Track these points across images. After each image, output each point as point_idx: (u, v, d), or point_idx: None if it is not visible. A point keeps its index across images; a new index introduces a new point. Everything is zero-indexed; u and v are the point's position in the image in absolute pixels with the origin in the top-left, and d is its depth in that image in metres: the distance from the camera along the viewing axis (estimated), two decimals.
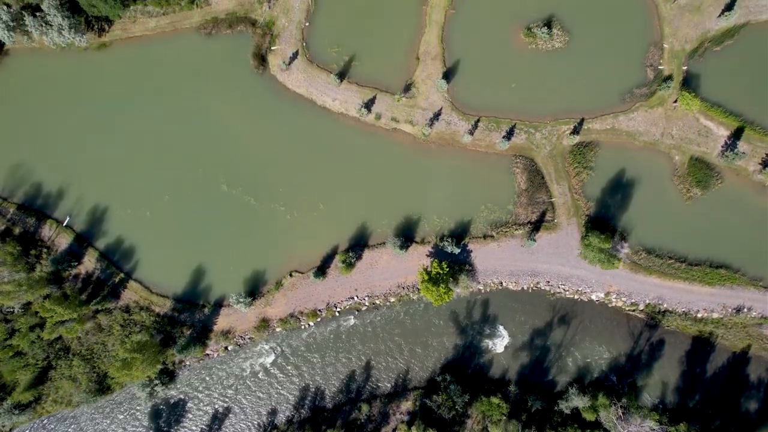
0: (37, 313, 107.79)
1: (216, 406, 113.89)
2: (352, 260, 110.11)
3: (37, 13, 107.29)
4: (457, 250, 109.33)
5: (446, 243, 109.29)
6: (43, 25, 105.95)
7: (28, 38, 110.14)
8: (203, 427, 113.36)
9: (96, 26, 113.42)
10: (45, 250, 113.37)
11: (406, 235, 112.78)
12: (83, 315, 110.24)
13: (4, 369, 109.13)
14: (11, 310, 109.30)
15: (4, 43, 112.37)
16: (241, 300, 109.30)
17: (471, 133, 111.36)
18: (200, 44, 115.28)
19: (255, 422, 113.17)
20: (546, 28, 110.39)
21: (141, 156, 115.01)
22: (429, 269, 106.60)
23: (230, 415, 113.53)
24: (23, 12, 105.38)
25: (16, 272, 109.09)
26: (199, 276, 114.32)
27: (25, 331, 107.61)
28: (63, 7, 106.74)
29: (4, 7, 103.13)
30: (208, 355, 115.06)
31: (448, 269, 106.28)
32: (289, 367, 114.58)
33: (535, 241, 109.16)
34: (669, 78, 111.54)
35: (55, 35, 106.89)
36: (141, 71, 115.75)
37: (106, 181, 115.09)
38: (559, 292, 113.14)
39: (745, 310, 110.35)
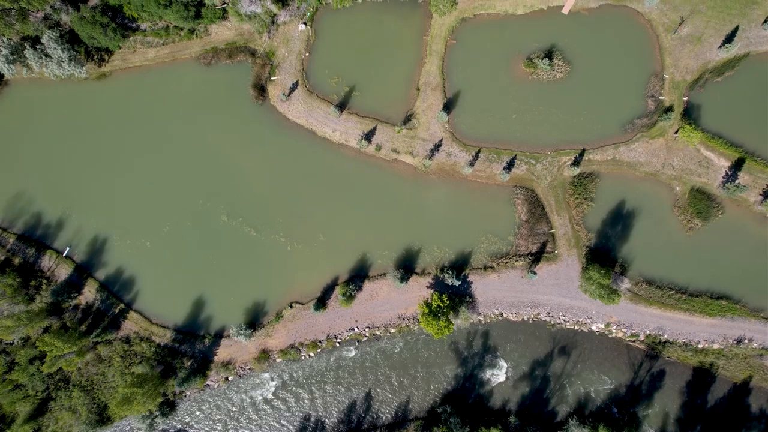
0: (36, 345, 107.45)
1: None
2: (353, 293, 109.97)
3: (37, 46, 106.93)
4: (457, 283, 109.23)
5: (447, 275, 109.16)
6: (43, 57, 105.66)
7: (27, 69, 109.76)
8: None
9: (96, 56, 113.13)
10: (45, 280, 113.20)
11: (407, 267, 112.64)
12: (83, 347, 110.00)
13: (3, 401, 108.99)
14: (11, 342, 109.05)
15: (3, 74, 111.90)
16: (242, 332, 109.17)
17: (472, 164, 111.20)
18: (200, 74, 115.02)
19: None
20: (547, 59, 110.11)
21: (141, 186, 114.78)
22: (429, 302, 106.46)
23: None
24: (23, 44, 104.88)
25: (15, 304, 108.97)
26: (199, 306, 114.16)
27: (24, 365, 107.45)
28: (63, 39, 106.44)
29: (4, 40, 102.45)
30: (208, 385, 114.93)
31: (448, 302, 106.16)
32: (289, 398, 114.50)
33: (535, 274, 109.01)
34: (670, 109, 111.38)
35: (55, 67, 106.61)
36: (141, 101, 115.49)
37: (106, 211, 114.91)
38: (559, 323, 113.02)
39: (746, 341, 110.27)
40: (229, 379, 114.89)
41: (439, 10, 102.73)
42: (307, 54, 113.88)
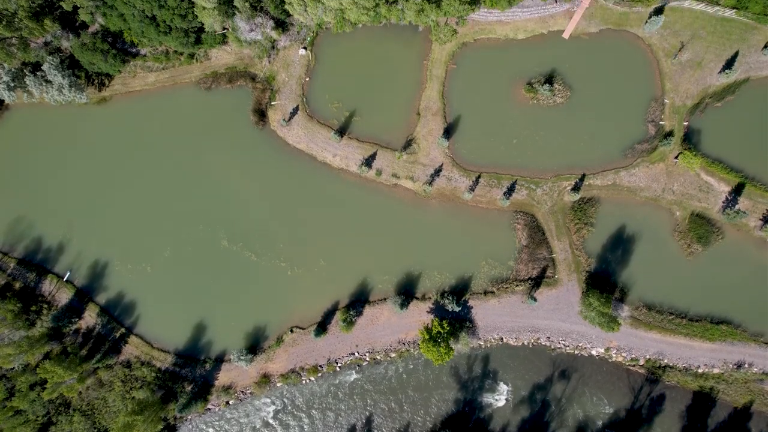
0: (36, 370, 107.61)
1: None
2: (353, 318, 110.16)
3: (38, 72, 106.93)
4: (457, 309, 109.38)
5: (447, 300, 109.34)
6: (44, 84, 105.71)
7: (28, 95, 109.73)
8: None
9: (96, 81, 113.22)
10: (45, 305, 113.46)
11: (407, 291, 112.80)
12: (84, 372, 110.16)
13: (4, 426, 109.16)
14: (11, 368, 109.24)
15: (3, 99, 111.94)
16: (242, 357, 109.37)
17: (472, 189, 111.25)
18: (200, 99, 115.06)
19: None
20: (547, 84, 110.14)
21: (141, 211, 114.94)
22: (430, 328, 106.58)
23: None
24: (23, 71, 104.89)
25: (16, 329, 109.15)
26: (200, 331, 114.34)
27: (25, 391, 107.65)
28: (63, 66, 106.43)
29: (5, 67, 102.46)
30: (209, 409, 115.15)
31: (448, 328, 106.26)
32: (290, 422, 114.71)
33: (535, 300, 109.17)
34: (670, 134, 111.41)
35: (55, 93, 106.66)
36: (141, 125, 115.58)
37: (107, 235, 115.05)
38: (559, 348, 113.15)
39: (746, 365, 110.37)
40: (230, 403, 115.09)
41: (440, 39, 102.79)
42: (307, 79, 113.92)
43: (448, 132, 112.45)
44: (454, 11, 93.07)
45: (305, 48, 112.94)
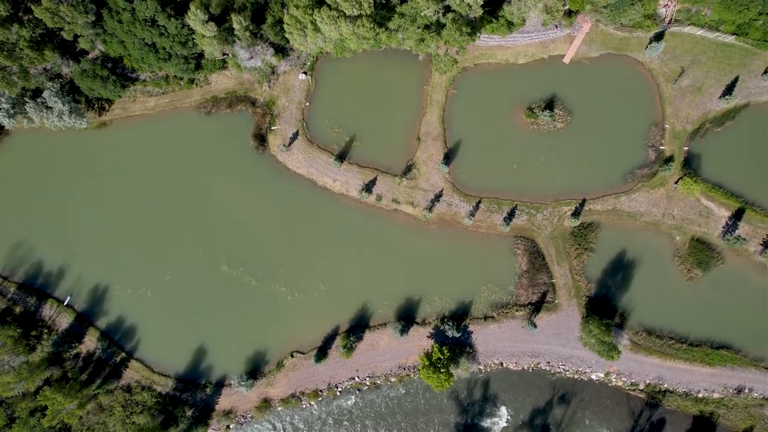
0: (36, 397, 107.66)
1: None
2: (353, 344, 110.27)
3: (38, 98, 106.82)
4: (457, 334, 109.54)
5: (447, 326, 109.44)
6: (44, 110, 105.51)
7: (28, 121, 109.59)
8: None
9: (96, 105, 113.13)
10: (45, 330, 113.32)
11: (407, 316, 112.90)
12: (84, 398, 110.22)
13: None
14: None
15: (3, 125, 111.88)
16: (243, 383, 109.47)
17: (472, 214, 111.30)
18: (200, 123, 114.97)
19: None
20: (548, 110, 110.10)
21: (141, 235, 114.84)
22: (430, 354, 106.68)
23: None
24: (23, 98, 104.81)
25: (16, 355, 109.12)
26: (200, 355, 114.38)
27: (25, 417, 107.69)
28: (63, 92, 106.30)
29: (5, 95, 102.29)
30: None
31: (448, 354, 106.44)
32: None
33: (535, 326, 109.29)
34: (670, 158, 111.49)
35: (55, 120, 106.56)
36: (141, 150, 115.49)
37: (107, 260, 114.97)
38: (559, 372, 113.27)
39: (747, 390, 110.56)
40: (231, 427, 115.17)
41: (440, 69, 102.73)
42: (307, 103, 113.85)
43: (449, 157, 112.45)
44: (455, 42, 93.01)
45: (305, 73, 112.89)
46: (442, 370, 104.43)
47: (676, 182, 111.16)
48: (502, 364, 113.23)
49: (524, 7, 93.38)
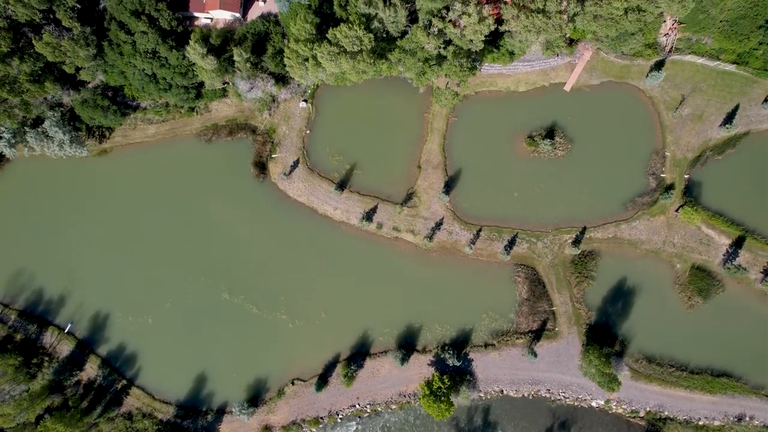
0: (37, 428, 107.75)
1: None
2: (354, 373, 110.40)
3: (38, 126, 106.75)
4: (458, 363, 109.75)
5: (448, 355, 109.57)
6: (45, 139, 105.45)
7: (29, 149, 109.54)
8: None
9: (97, 133, 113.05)
10: (46, 358, 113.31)
11: (408, 344, 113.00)
12: (85, 426, 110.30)
13: None
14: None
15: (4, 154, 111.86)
16: (244, 411, 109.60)
17: (473, 242, 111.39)
18: (201, 151, 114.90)
19: None
20: (548, 138, 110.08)
21: (142, 263, 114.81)
22: (431, 382, 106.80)
23: None
24: (24, 128, 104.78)
25: (17, 384, 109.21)
26: (201, 382, 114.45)
27: None
28: (64, 121, 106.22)
29: (6, 126, 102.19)
30: None
31: (449, 383, 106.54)
32: None
33: (536, 355, 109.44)
34: (671, 186, 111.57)
35: (56, 149, 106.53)
36: (142, 177, 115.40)
37: (108, 287, 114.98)
38: (559, 399, 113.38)
39: (747, 418, 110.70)
40: None
41: (441, 102, 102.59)
42: (308, 131, 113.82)
43: (449, 185, 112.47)
44: (455, 76, 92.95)
45: (306, 101, 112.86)
46: (442, 399, 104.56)
47: (677, 210, 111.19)
48: (502, 391, 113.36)
49: (525, 41, 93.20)
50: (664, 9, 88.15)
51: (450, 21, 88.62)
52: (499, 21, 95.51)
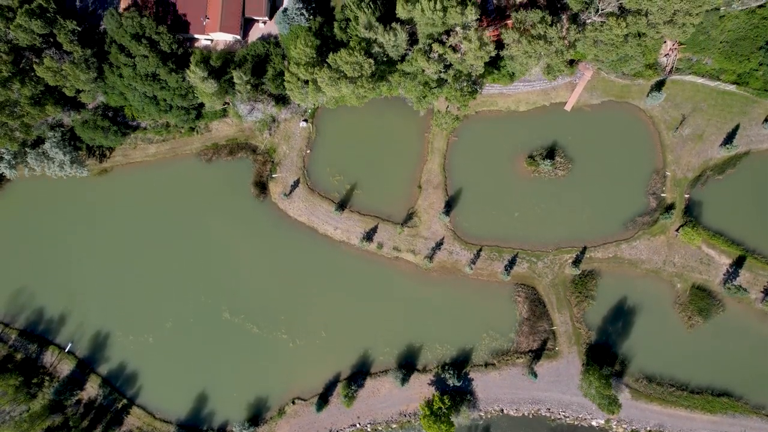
0: None
1: None
2: (354, 393, 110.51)
3: (39, 146, 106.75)
4: (458, 383, 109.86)
5: (448, 374, 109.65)
6: (45, 160, 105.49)
7: (29, 170, 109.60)
8: None
9: (97, 152, 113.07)
10: (47, 377, 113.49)
11: (408, 363, 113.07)
12: None
13: None
14: None
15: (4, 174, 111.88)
16: (244, 430, 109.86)
17: (473, 262, 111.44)
18: (201, 170, 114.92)
19: None
20: (548, 159, 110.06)
21: (143, 282, 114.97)
22: (431, 402, 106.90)
23: None
24: (24, 149, 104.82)
25: (17, 404, 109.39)
26: (202, 401, 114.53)
27: None
28: (64, 141, 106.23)
29: (7, 148, 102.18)
30: None
31: (449, 403, 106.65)
32: None
33: (536, 376, 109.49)
34: (671, 206, 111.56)
35: (56, 169, 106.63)
36: (142, 196, 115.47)
37: (108, 306, 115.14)
38: (559, 419, 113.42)
39: None
40: None
41: (441, 126, 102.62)
42: (308, 151, 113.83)
43: (450, 205, 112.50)
44: (455, 100, 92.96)
45: (306, 120, 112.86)
46: (443, 419, 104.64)
47: (677, 230, 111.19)
48: (502, 410, 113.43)
49: (526, 64, 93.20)
50: (665, 34, 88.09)
51: (450, 46, 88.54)
52: (500, 44, 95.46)
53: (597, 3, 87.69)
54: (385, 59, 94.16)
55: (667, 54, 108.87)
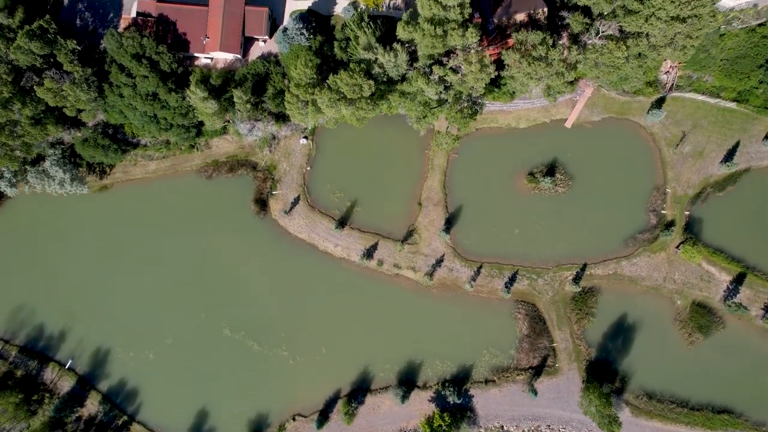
0: None
1: None
2: (355, 410, 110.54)
3: (39, 164, 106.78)
4: (458, 401, 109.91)
5: (448, 392, 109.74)
6: (45, 178, 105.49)
7: (30, 187, 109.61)
8: None
9: (97, 169, 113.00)
10: (47, 394, 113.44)
11: (408, 380, 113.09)
12: None
13: None
14: None
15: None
16: None
17: (473, 279, 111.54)
18: (201, 187, 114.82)
19: None
20: (549, 176, 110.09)
21: (143, 298, 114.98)
22: (431, 419, 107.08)
23: None
24: (25, 166, 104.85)
25: (17, 421, 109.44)
26: (202, 418, 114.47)
27: None
28: (64, 159, 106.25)
29: (7, 165, 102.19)
30: None
31: (449, 420, 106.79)
32: None
33: (536, 394, 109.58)
34: (671, 223, 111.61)
35: (56, 187, 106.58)
36: (142, 214, 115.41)
37: (109, 323, 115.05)
38: None
39: None
40: None
41: (440, 146, 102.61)
42: (308, 168, 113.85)
43: (450, 222, 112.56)
44: (455, 122, 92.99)
45: (306, 137, 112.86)
46: None
47: (678, 247, 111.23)
48: (502, 427, 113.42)
49: (526, 86, 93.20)
50: (666, 56, 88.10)
51: (451, 68, 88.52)
52: (500, 63, 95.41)
53: (597, 25, 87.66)
54: (385, 79, 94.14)
55: (668, 71, 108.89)
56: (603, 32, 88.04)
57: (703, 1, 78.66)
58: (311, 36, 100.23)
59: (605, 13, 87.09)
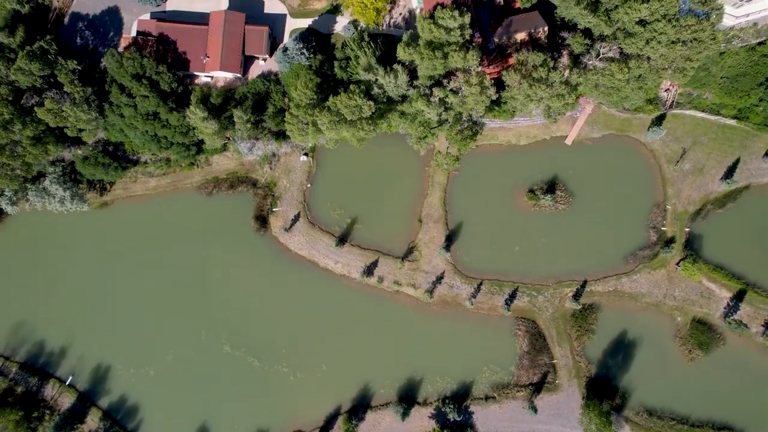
0: None
1: None
2: (355, 427, 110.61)
3: (39, 181, 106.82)
4: (458, 417, 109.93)
5: (448, 409, 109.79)
6: (46, 196, 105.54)
7: (30, 205, 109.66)
8: None
9: (98, 186, 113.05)
10: (47, 411, 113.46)
11: (409, 396, 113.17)
12: None
13: None
14: None
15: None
16: None
17: (474, 296, 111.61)
18: (201, 204, 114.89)
19: None
20: (549, 194, 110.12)
21: (143, 315, 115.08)
22: None
23: None
24: (26, 183, 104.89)
25: None
26: None
27: None
28: (64, 177, 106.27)
29: (8, 184, 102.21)
30: None
31: None
32: None
33: (536, 411, 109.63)
34: (672, 240, 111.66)
35: (57, 205, 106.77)
36: (142, 231, 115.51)
37: (109, 339, 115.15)
38: None
39: None
40: None
41: (441, 166, 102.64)
42: (308, 185, 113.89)
43: (450, 239, 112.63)
44: (456, 143, 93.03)
45: (306, 154, 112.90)
46: None
47: (678, 263, 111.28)
48: None
49: (526, 107, 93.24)
50: (666, 78, 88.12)
51: (451, 90, 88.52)
52: (500, 82, 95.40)
53: (598, 47, 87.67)
54: (385, 99, 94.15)
55: (668, 89, 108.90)
56: (604, 54, 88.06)
57: (703, 25, 78.64)
58: (311, 55, 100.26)
59: (606, 35, 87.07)
